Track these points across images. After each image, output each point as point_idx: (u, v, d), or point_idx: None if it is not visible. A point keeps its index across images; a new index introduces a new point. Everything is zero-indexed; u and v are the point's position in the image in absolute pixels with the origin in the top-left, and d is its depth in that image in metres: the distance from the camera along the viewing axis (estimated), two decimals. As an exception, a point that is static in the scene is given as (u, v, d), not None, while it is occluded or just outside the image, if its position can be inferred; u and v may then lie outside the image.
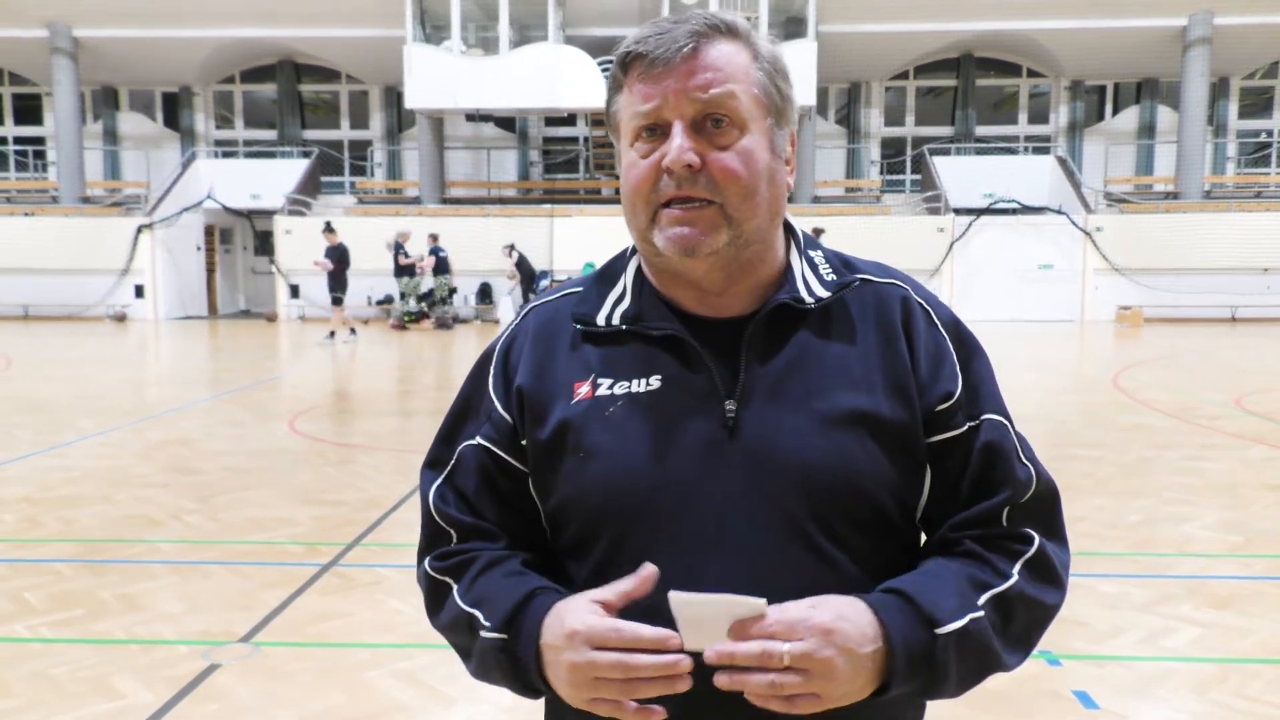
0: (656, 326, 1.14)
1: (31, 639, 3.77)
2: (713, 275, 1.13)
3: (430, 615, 1.21)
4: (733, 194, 1.08)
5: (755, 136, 1.10)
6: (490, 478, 1.20)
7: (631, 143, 1.12)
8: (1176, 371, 12.33)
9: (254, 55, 24.05)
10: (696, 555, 1.08)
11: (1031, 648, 1.14)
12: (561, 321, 1.20)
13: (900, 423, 1.11)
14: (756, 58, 1.12)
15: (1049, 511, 1.17)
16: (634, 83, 1.11)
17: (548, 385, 1.16)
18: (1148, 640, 3.73)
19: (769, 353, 1.13)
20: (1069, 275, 20.09)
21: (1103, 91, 24.47)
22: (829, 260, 1.21)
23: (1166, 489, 6.04)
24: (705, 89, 1.07)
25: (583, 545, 1.15)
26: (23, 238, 20.53)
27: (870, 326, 1.15)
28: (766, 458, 1.09)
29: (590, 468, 1.12)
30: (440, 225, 20.57)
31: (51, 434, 7.93)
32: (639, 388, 1.13)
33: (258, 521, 5.40)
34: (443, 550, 1.20)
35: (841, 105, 24.64)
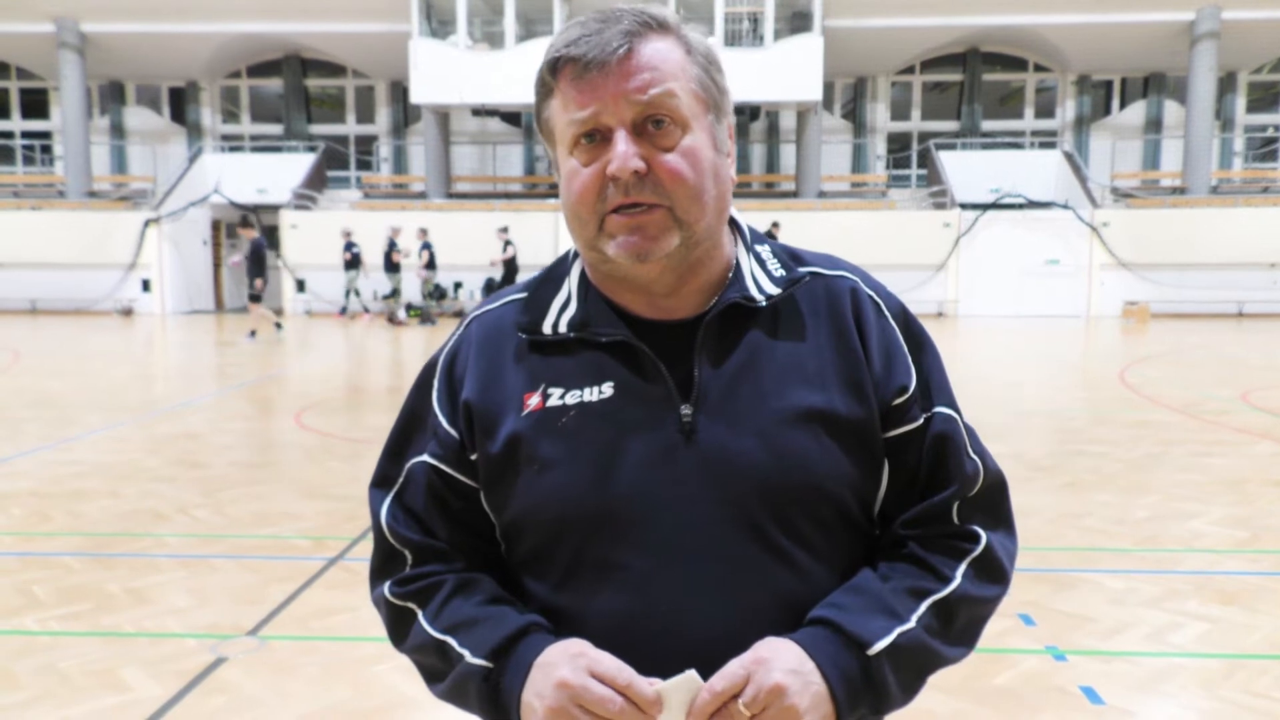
0: (605, 333, 1.12)
1: (40, 632, 3.79)
2: (664, 278, 1.11)
3: (394, 640, 1.20)
4: (681, 196, 1.06)
5: (698, 134, 1.08)
6: (440, 496, 1.17)
7: (570, 150, 1.09)
8: (1183, 367, 12.29)
9: (260, 50, 24.05)
10: (657, 563, 1.07)
11: (975, 639, 1.15)
12: (506, 330, 1.18)
13: (856, 418, 1.10)
14: (690, 52, 1.09)
15: (996, 503, 1.18)
16: (567, 88, 1.07)
17: (496, 398, 1.14)
18: (1154, 636, 3.72)
19: (722, 354, 1.11)
20: (1075, 271, 20.03)
21: (1109, 86, 24.37)
22: (776, 255, 1.18)
23: (1173, 485, 6.03)
24: (644, 90, 1.04)
25: (540, 559, 1.13)
26: (30, 232, 20.57)
27: (822, 322, 1.14)
28: (724, 461, 1.07)
29: (545, 480, 1.10)
30: (446, 220, 20.57)
31: (59, 428, 7.95)
32: (591, 396, 1.10)
33: (264, 516, 5.41)
34: (402, 575, 1.18)
35: (847, 100, 24.58)
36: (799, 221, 19.30)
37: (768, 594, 1.07)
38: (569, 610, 1.11)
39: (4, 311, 20.39)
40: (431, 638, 1.13)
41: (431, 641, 1.12)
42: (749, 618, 1.06)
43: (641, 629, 1.06)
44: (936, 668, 1.11)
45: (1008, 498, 1.20)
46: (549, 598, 1.12)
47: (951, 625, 1.10)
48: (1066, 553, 4.75)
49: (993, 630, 3.75)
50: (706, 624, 1.06)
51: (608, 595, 1.08)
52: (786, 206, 20.88)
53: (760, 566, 1.07)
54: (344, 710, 3.18)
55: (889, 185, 23.83)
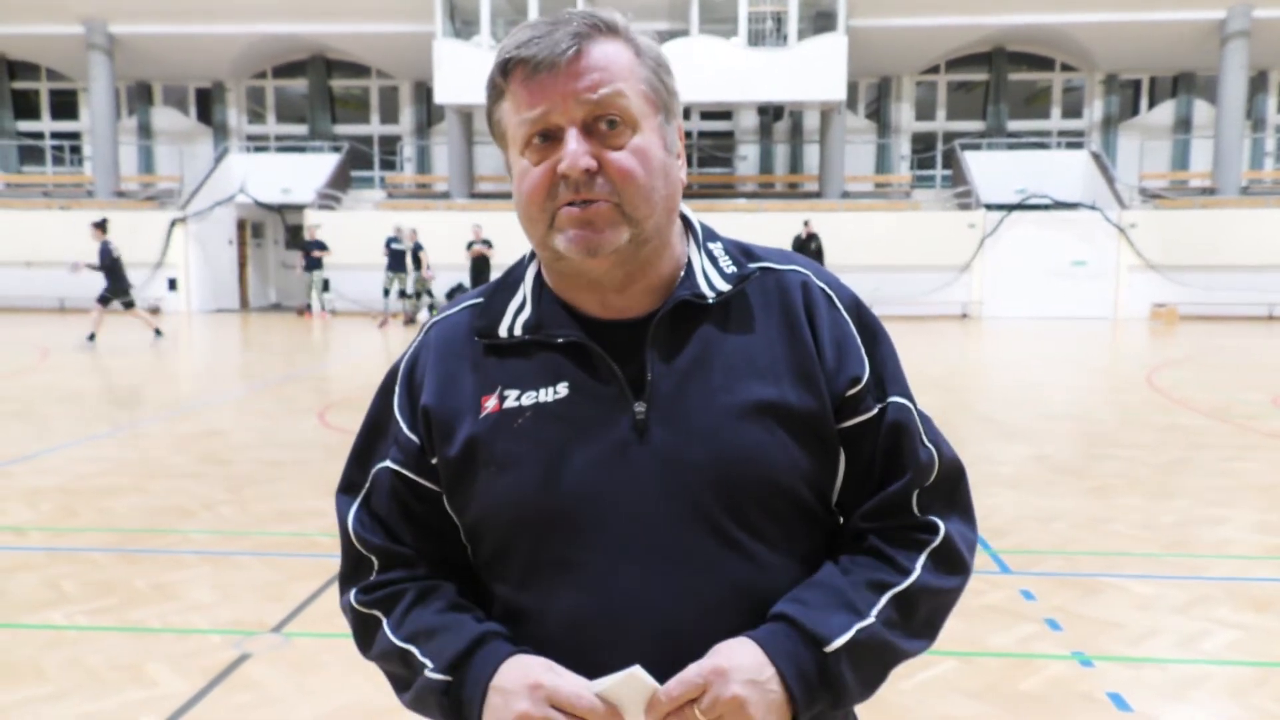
0: (559, 334, 1.13)
1: (67, 626, 3.82)
2: (613, 273, 1.11)
3: (360, 647, 1.21)
4: (630, 194, 1.07)
5: (647, 134, 1.09)
6: (404, 501, 1.18)
7: (522, 150, 1.10)
8: (1212, 370, 12.14)
9: (286, 51, 24.21)
10: (615, 560, 1.08)
11: (936, 631, 1.16)
12: (463, 336, 1.19)
13: (809, 410, 1.11)
14: (639, 54, 1.11)
15: (952, 491, 1.18)
16: (518, 89, 1.08)
17: (454, 402, 1.15)
18: (1184, 643, 3.67)
19: (673, 351, 1.12)
20: (1102, 272, 19.82)
21: (1138, 85, 24.09)
22: (728, 251, 1.19)
23: (1203, 490, 5.95)
24: (594, 89, 1.06)
25: (501, 559, 1.15)
26: (58, 231, 20.77)
27: (773, 316, 1.15)
28: (678, 457, 1.08)
29: (501, 481, 1.11)
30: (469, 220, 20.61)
31: (87, 425, 8.03)
32: (546, 397, 1.12)
33: (289, 513, 5.44)
34: (367, 583, 1.19)
35: (871, 100, 24.45)
36: (822, 222, 19.20)
37: (725, 587, 1.08)
38: (530, 610, 1.12)
39: (33, 310, 20.64)
40: (395, 646, 1.14)
41: (395, 650, 1.14)
42: (707, 611, 1.08)
43: (600, 626, 1.07)
44: (897, 662, 1.12)
45: (965, 485, 1.21)
46: (511, 598, 1.14)
47: (912, 618, 1.11)
48: (1093, 557, 4.70)
49: (1019, 635, 3.72)
50: (665, 619, 1.07)
51: (566, 594, 1.10)
52: (810, 207, 20.79)
53: (717, 560, 1.08)
54: (367, 707, 3.19)
55: (913, 186, 23.68)
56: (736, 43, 20.42)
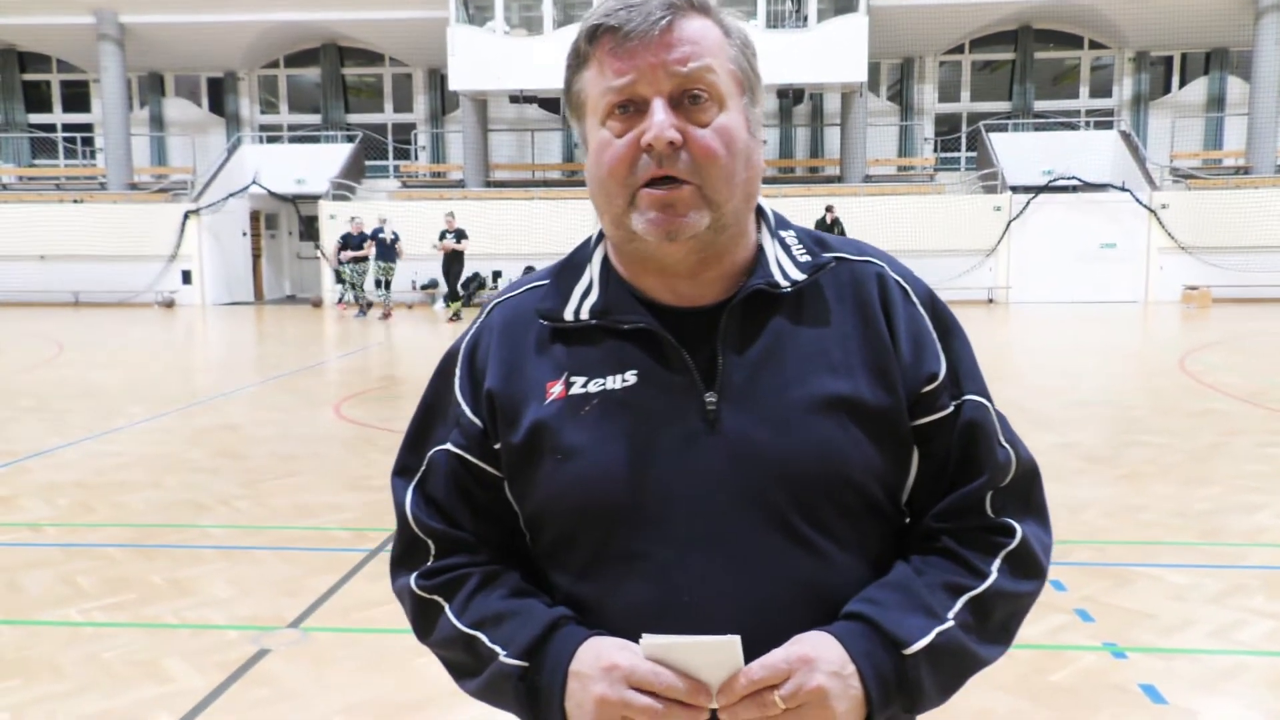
0: (628, 320, 1.11)
1: (84, 623, 3.81)
2: (688, 260, 1.09)
3: (418, 633, 1.19)
4: (712, 175, 1.05)
5: (733, 114, 1.07)
6: (463, 485, 1.16)
7: (603, 120, 1.07)
8: (1246, 354, 11.96)
9: (297, 39, 24.19)
10: (681, 552, 1.06)
11: (1011, 638, 1.13)
12: (527, 318, 1.17)
13: (883, 406, 1.09)
14: (728, 34, 1.09)
15: (1028, 492, 1.16)
16: (604, 57, 1.06)
17: (518, 386, 1.13)
18: (1218, 633, 3.62)
19: (745, 342, 1.10)
20: (1132, 255, 19.53)
21: (1169, 63, 23.63)
22: (802, 240, 1.17)
23: (1237, 476, 5.85)
24: (684, 63, 1.04)
25: (563, 548, 1.13)
26: (72, 224, 20.83)
27: (848, 308, 1.13)
28: (748, 450, 1.06)
29: (568, 469, 1.09)
30: (484, 209, 20.59)
31: (102, 420, 8.04)
32: (614, 384, 1.10)
33: (305, 507, 5.42)
34: (428, 568, 1.17)
35: (894, 81, 24.18)
36: (844, 206, 19.02)
37: (792, 583, 1.06)
38: (591, 600, 1.10)
39: (47, 304, 20.74)
40: (460, 632, 1.12)
41: (460, 636, 1.12)
42: (772, 607, 1.06)
43: (663, 620, 1.04)
44: (974, 669, 1.09)
45: (1041, 487, 1.18)
46: (571, 588, 1.12)
47: (988, 622, 1.09)
48: (1125, 547, 4.62)
49: (1049, 626, 3.65)
50: (729, 614, 1.04)
51: (630, 585, 1.08)
52: (831, 191, 20.62)
53: (784, 555, 1.06)
54: (386, 702, 3.16)
55: (937, 168, 23.41)
56: (755, 24, 20.23)
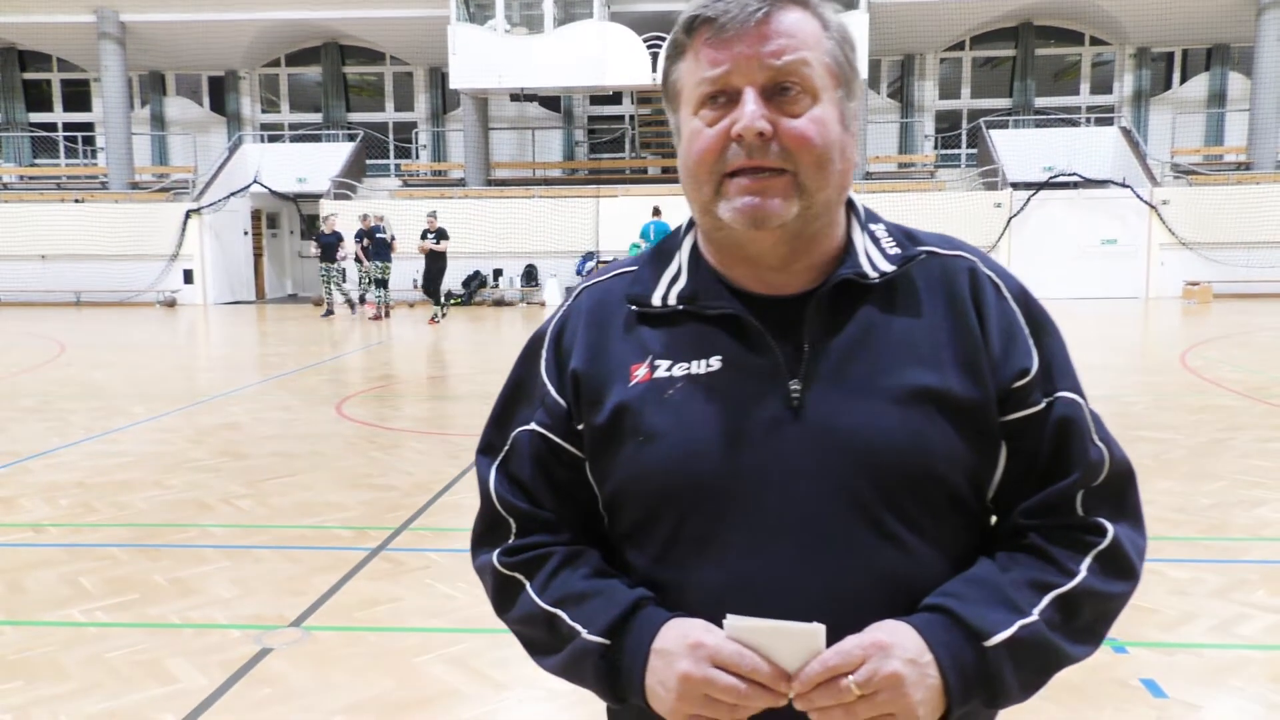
0: (714, 306, 1.11)
1: (87, 623, 3.81)
2: (777, 249, 1.09)
3: (498, 609, 1.20)
4: (806, 162, 1.04)
5: (827, 106, 1.07)
6: (546, 465, 1.17)
7: (696, 110, 1.08)
8: (1248, 350, 11.94)
9: (298, 38, 24.18)
10: (761, 539, 1.06)
11: (1100, 638, 1.11)
12: (615, 302, 1.18)
13: (972, 400, 1.07)
14: (826, 27, 1.09)
15: (1122, 494, 1.13)
16: (701, 48, 1.07)
17: (603, 368, 1.14)
18: (1220, 628, 3.62)
19: (832, 330, 1.10)
20: (1133, 251, 19.51)
21: (1170, 59, 23.59)
22: (891, 233, 1.17)
23: (1239, 472, 5.85)
24: (778, 55, 1.04)
25: (642, 531, 1.13)
26: (73, 224, 20.80)
27: (938, 300, 1.12)
28: (833, 438, 1.06)
29: (650, 451, 1.09)
30: (485, 207, 20.58)
31: (104, 419, 8.04)
32: (699, 369, 1.10)
33: (307, 506, 5.42)
34: (510, 545, 1.18)
35: (894, 78, 24.15)
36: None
37: (872, 575, 1.06)
38: (668, 583, 1.10)
39: (49, 303, 20.75)
40: (540, 609, 1.13)
41: (540, 613, 1.13)
42: (852, 598, 1.05)
43: (741, 606, 1.03)
44: (1059, 666, 1.07)
45: (1135, 489, 1.16)
46: (649, 570, 1.12)
47: (1075, 621, 1.07)
48: (1126, 541, 4.61)
49: (1052, 623, 3.64)
50: (808, 603, 1.04)
51: (707, 570, 1.08)
52: (829, 188, 20.56)
53: (865, 546, 1.06)
54: (388, 701, 3.16)
55: (938, 165, 23.40)
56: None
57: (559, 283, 20.07)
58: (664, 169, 23.41)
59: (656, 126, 24.07)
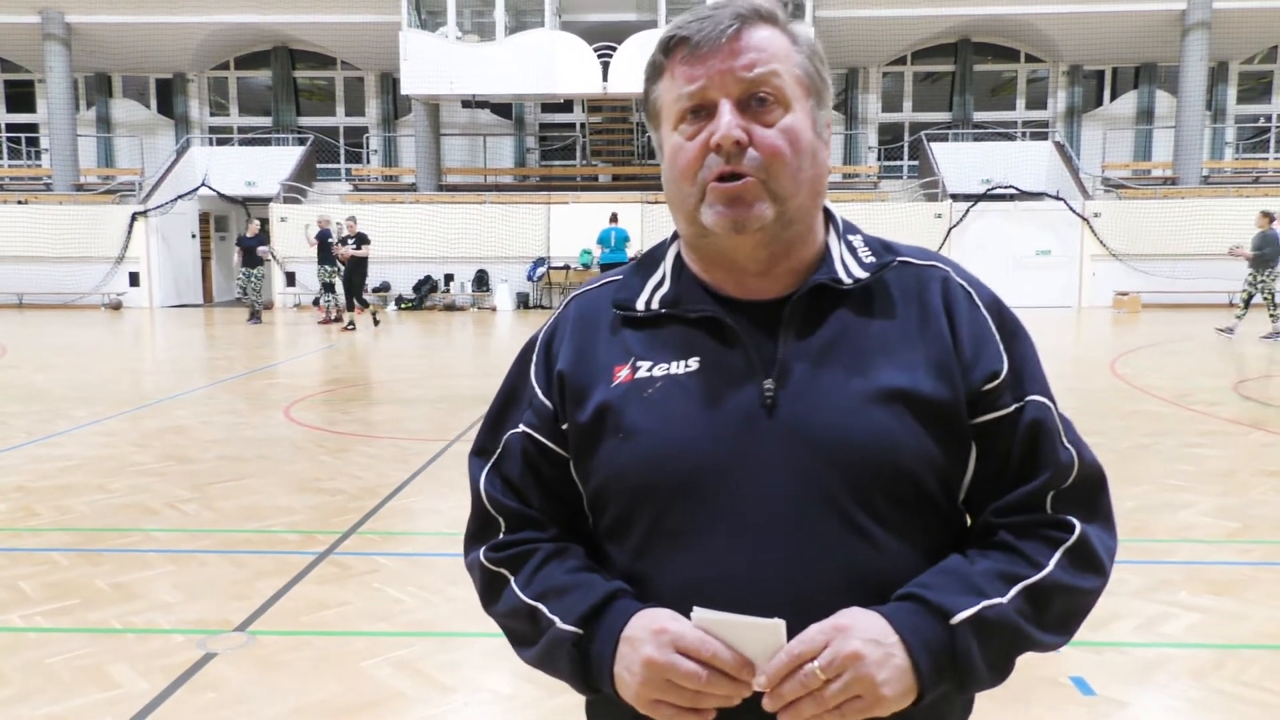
0: (695, 309, 1.16)
1: (27, 628, 3.76)
2: (757, 253, 1.14)
3: (485, 604, 1.24)
4: (777, 170, 1.10)
5: (798, 115, 1.12)
6: (534, 465, 1.22)
7: (676, 125, 1.14)
8: (1174, 357, 12.30)
9: (248, 41, 23.89)
10: (735, 533, 1.09)
11: (1072, 631, 1.14)
12: (602, 309, 1.23)
13: (942, 400, 1.11)
14: (795, 41, 1.15)
15: (1093, 496, 1.16)
16: (677, 66, 1.13)
17: (587, 369, 1.19)
18: (1145, 626, 3.73)
19: (807, 331, 1.14)
20: (1066, 261, 20.02)
21: (1101, 76, 24.32)
22: (868, 244, 1.22)
23: (1164, 475, 6.03)
24: (750, 68, 1.10)
25: (622, 526, 1.17)
26: (16, 225, 20.36)
27: (910, 307, 1.16)
28: (806, 435, 1.10)
29: (629, 447, 1.13)
30: (436, 212, 20.49)
31: (46, 422, 7.90)
32: (678, 369, 1.15)
33: (254, 510, 5.39)
34: (496, 541, 1.22)
35: (839, 91, 24.47)
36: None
37: (842, 569, 1.09)
38: (645, 577, 1.14)
39: (-9, 305, 20.27)
40: (523, 603, 1.17)
41: (523, 607, 1.16)
42: (821, 591, 1.07)
43: (715, 599, 1.06)
44: (1026, 649, 1.10)
45: (1107, 492, 1.19)
46: (628, 565, 1.16)
47: (1045, 612, 1.10)
48: (1058, 543, 4.75)
49: (984, 621, 3.75)
50: (780, 596, 1.07)
51: (682, 564, 1.11)
52: (778, 198, 20.79)
53: (837, 541, 1.09)
54: (334, 705, 3.17)
55: (880, 176, 23.78)
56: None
57: (510, 288, 20.05)
58: (614, 176, 23.47)
59: (607, 135, 24.15)
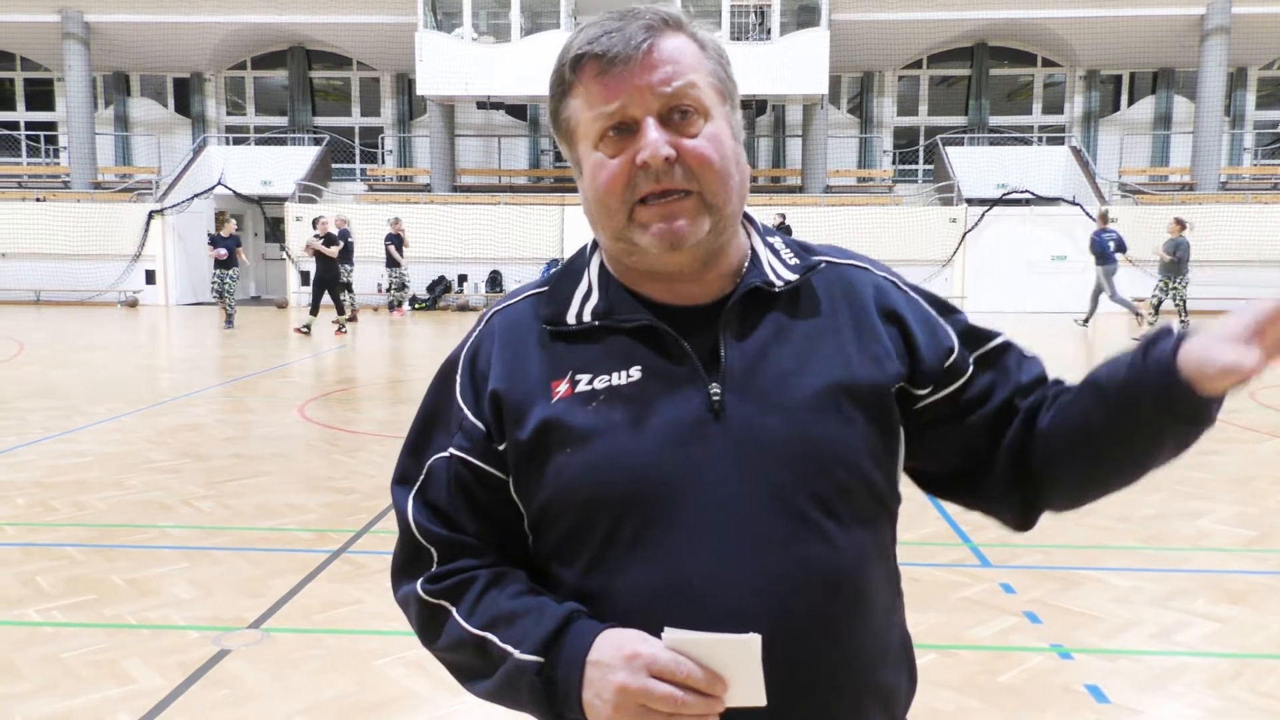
0: (630, 319, 1.14)
1: (43, 623, 3.79)
2: (691, 266, 1.14)
3: (425, 639, 1.19)
4: (709, 180, 1.09)
5: (718, 122, 1.12)
6: (467, 489, 1.17)
7: (595, 144, 1.11)
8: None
9: (265, 41, 24.01)
10: (691, 539, 1.08)
11: None
12: (528, 323, 1.19)
13: (875, 389, 1.14)
14: (704, 48, 1.14)
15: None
16: (590, 84, 1.10)
17: (523, 387, 1.15)
18: (1161, 635, 3.71)
19: (744, 334, 1.14)
20: (1083, 267, 19.87)
21: (1119, 81, 24.19)
22: (789, 246, 1.23)
23: (1180, 483, 5.98)
24: (668, 82, 1.08)
25: (572, 542, 1.13)
26: (35, 223, 20.52)
27: (839, 304, 1.19)
28: (755, 436, 1.10)
29: (577, 460, 1.11)
30: (451, 213, 20.54)
31: (63, 419, 7.96)
32: (619, 380, 1.12)
33: (268, 508, 5.41)
34: (434, 573, 1.17)
35: (854, 95, 24.47)
36: (804, 216, 19.21)
37: (799, 565, 1.09)
38: (601, 592, 1.11)
39: (8, 302, 20.39)
40: (469, 634, 1.13)
41: (469, 638, 1.13)
42: (782, 589, 1.08)
43: (676, 606, 1.06)
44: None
45: None
46: (579, 582, 1.13)
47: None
48: (1072, 550, 4.73)
49: (999, 628, 3.74)
50: (739, 597, 1.07)
51: (640, 573, 1.09)
52: (792, 201, 20.80)
53: (791, 538, 1.09)
54: (347, 703, 3.18)
55: (895, 180, 23.72)
56: (720, 36, 20.39)
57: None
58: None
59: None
